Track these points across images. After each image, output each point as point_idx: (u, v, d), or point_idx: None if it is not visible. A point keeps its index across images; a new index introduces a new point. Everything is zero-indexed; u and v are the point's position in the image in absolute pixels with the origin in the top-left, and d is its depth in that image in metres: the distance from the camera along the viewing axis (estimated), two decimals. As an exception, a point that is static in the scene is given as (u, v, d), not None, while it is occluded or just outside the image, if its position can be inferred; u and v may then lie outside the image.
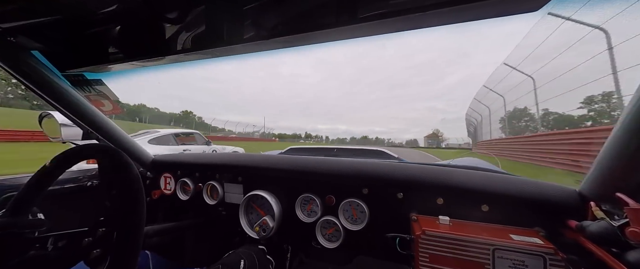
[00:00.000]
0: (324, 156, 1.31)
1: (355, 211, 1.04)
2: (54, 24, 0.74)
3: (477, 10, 0.49)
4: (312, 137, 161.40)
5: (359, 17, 0.55)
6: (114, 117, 12.40)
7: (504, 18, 0.50)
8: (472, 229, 0.77)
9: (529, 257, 0.65)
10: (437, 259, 0.73)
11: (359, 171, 1.05)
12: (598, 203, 0.69)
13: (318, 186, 1.10)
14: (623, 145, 0.61)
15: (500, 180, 0.90)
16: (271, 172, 1.20)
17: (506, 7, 0.48)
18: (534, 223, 0.78)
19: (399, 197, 0.96)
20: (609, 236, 0.58)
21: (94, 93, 1.03)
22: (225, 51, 0.71)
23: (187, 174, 1.38)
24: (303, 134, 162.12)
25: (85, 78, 0.96)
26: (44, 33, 0.78)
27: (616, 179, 0.65)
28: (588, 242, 0.64)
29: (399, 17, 0.52)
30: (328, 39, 0.64)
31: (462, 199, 0.88)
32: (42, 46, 0.83)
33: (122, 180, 0.62)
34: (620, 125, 0.61)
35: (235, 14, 0.65)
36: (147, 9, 0.68)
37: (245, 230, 1.12)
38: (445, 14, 0.51)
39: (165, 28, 0.74)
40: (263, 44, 0.67)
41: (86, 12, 0.69)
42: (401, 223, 0.92)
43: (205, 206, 1.30)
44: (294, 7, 0.62)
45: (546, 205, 0.80)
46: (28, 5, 0.62)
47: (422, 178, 0.96)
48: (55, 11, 0.66)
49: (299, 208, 1.11)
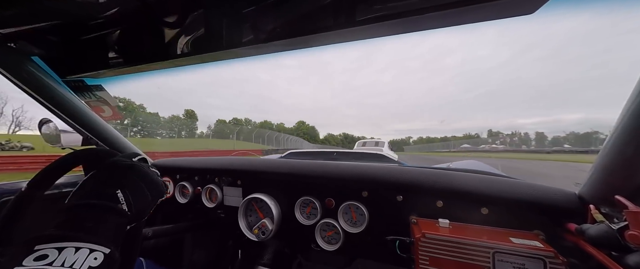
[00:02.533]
0: (324, 160, 1.31)
1: (354, 213, 1.03)
2: (54, 29, 0.74)
3: (474, 12, 0.50)
4: (499, 136, 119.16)
5: (357, 20, 0.55)
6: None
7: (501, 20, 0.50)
8: (472, 232, 0.77)
9: (529, 260, 0.65)
10: (437, 262, 0.72)
11: (358, 174, 1.05)
12: (597, 206, 0.69)
13: (318, 189, 1.10)
14: (622, 148, 0.61)
15: (500, 183, 0.90)
16: (270, 176, 1.20)
17: (503, 10, 0.49)
18: (533, 226, 0.78)
19: (399, 200, 0.96)
20: (608, 239, 0.58)
21: (94, 99, 1.03)
22: (224, 55, 0.71)
23: (186, 178, 1.38)
24: (484, 134, 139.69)
25: (85, 84, 0.96)
26: (44, 38, 0.79)
27: (615, 182, 0.65)
28: (588, 245, 0.64)
29: (397, 20, 0.53)
30: (326, 41, 0.64)
31: (461, 202, 0.88)
32: (42, 52, 0.83)
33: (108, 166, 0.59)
34: (619, 128, 0.60)
35: (234, 17, 0.65)
36: (146, 13, 0.68)
37: (244, 232, 1.12)
38: (443, 17, 0.51)
39: (164, 32, 0.74)
40: (262, 47, 0.67)
41: (86, 17, 0.70)
42: (401, 226, 0.92)
43: (204, 209, 1.30)
44: (292, 10, 0.63)
45: (546, 208, 0.79)
46: (28, 11, 0.62)
47: (421, 181, 0.95)
48: (56, 17, 0.67)
49: (298, 211, 1.11)
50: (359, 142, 17.02)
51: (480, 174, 1.04)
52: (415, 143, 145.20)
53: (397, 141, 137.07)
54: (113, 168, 0.55)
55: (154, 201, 0.60)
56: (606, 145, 0.65)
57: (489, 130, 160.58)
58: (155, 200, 0.60)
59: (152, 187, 0.58)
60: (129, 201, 0.49)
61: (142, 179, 0.56)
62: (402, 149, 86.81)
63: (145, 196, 0.55)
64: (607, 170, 0.67)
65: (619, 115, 0.61)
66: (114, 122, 1.39)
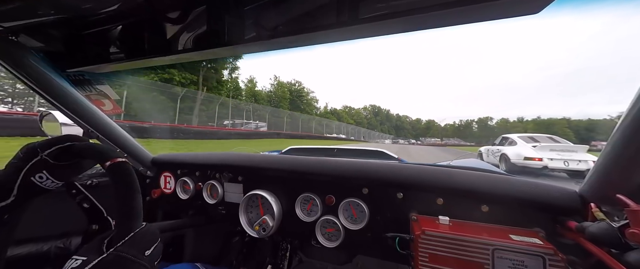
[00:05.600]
0: (324, 156, 1.31)
1: (355, 210, 1.04)
2: (57, 23, 0.74)
3: (479, 12, 0.50)
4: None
5: (360, 18, 0.55)
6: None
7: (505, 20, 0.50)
8: (471, 229, 0.77)
9: (529, 257, 0.66)
10: (436, 259, 0.73)
11: (359, 171, 1.05)
12: (598, 204, 0.69)
13: (318, 185, 1.10)
14: (623, 146, 0.61)
15: (500, 180, 0.90)
16: (271, 172, 1.20)
17: (508, 10, 0.48)
18: (533, 224, 0.78)
19: (399, 197, 0.96)
20: (609, 237, 0.58)
21: (95, 92, 1.03)
22: (226, 51, 0.71)
23: (187, 173, 1.38)
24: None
25: (86, 77, 0.96)
26: (46, 32, 0.79)
27: (616, 180, 0.66)
28: (588, 243, 0.64)
29: (400, 18, 0.52)
30: (329, 39, 0.64)
31: (462, 199, 0.88)
32: (43, 45, 0.83)
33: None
34: (621, 126, 0.61)
35: (237, 14, 0.65)
36: (148, 8, 0.68)
37: (245, 229, 1.13)
38: (446, 16, 0.51)
39: (166, 28, 0.74)
40: (264, 44, 0.67)
41: (88, 11, 0.69)
42: (401, 223, 0.92)
43: (205, 205, 1.30)
44: (294, 7, 0.62)
45: (546, 205, 0.80)
46: (31, 5, 0.62)
47: (422, 178, 0.96)
48: (58, 11, 0.67)
49: (299, 207, 1.11)
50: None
51: (481, 172, 1.05)
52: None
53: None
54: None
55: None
56: (608, 143, 0.65)
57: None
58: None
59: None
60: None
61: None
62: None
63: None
64: (609, 169, 0.67)
65: (622, 114, 0.61)
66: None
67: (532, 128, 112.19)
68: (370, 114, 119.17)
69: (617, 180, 0.65)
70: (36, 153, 0.59)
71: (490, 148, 9.73)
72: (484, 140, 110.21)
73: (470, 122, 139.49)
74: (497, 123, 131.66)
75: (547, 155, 7.03)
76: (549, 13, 0.46)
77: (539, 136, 8.73)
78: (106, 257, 0.50)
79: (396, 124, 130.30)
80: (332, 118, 61.95)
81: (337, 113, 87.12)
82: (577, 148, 7.21)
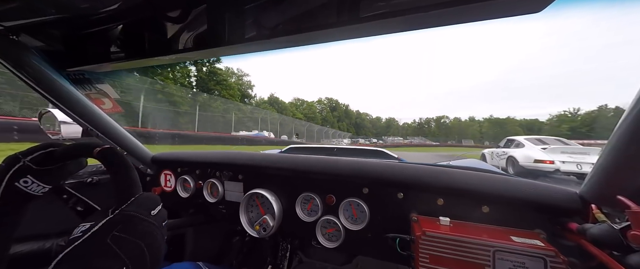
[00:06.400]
0: (324, 155, 1.31)
1: (355, 210, 1.04)
2: (57, 22, 0.74)
3: (480, 10, 0.49)
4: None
5: (360, 17, 0.55)
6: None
7: (507, 19, 0.50)
8: (472, 230, 0.77)
9: (530, 259, 0.65)
10: (437, 260, 0.73)
11: (359, 170, 1.05)
12: (599, 205, 0.69)
13: (318, 185, 1.10)
14: (624, 147, 0.60)
15: (501, 181, 0.90)
16: (271, 171, 1.20)
17: (509, 8, 0.48)
18: (534, 225, 0.78)
19: (400, 197, 0.96)
20: (610, 239, 0.58)
21: (95, 91, 1.03)
22: (226, 51, 0.70)
23: (188, 172, 1.38)
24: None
25: (85, 76, 0.96)
26: (47, 32, 0.79)
27: (617, 182, 0.65)
28: (589, 245, 0.64)
29: (401, 17, 0.52)
30: (329, 38, 0.63)
31: (462, 200, 0.88)
32: (44, 45, 0.83)
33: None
34: (621, 127, 0.60)
35: (237, 13, 0.65)
36: (149, 8, 0.68)
37: (246, 228, 1.13)
38: (447, 15, 0.50)
39: (166, 27, 0.74)
40: (264, 44, 0.67)
41: (89, 11, 0.69)
42: (401, 223, 0.92)
43: (205, 203, 1.30)
44: (294, 6, 0.62)
45: (547, 207, 0.79)
46: (31, 4, 0.62)
47: (422, 178, 0.95)
48: (59, 10, 0.66)
49: (299, 207, 1.11)
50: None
51: (482, 172, 1.04)
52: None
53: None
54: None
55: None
56: (608, 144, 0.65)
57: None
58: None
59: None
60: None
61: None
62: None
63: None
64: (609, 170, 0.66)
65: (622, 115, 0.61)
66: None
67: (487, 126, 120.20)
68: (326, 109, 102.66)
69: (618, 181, 0.65)
70: (18, 160, 0.59)
71: (494, 150, 9.49)
72: (442, 139, 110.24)
73: (428, 120, 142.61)
74: (450, 122, 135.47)
75: (558, 158, 6.85)
76: (549, 13, 0.45)
77: (546, 138, 8.58)
78: (114, 217, 0.51)
79: (356, 122, 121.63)
80: (271, 110, 51.20)
81: (278, 104, 74.51)
82: (589, 151, 6.96)
